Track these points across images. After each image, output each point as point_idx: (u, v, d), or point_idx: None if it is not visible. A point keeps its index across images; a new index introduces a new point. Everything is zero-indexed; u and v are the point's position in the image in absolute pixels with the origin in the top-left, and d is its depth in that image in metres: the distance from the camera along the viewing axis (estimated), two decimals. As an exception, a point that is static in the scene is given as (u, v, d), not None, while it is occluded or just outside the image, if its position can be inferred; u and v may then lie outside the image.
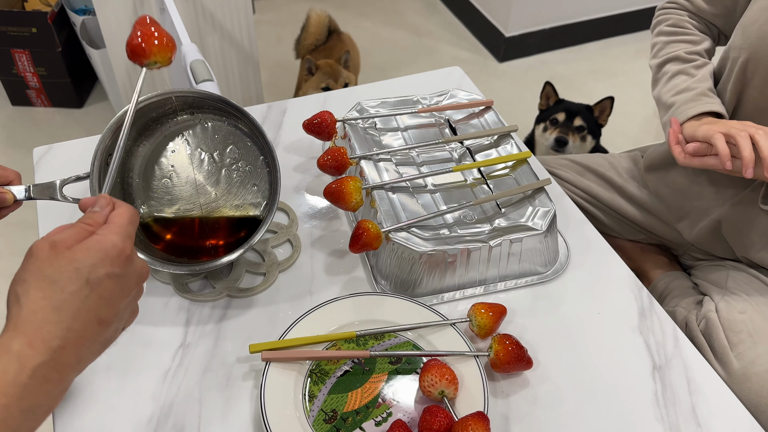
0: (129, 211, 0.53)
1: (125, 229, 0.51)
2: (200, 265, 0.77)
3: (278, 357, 0.69)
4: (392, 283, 0.80)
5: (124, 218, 0.52)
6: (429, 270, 0.78)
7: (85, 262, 0.47)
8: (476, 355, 0.70)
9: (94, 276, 0.47)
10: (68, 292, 0.46)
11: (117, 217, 0.52)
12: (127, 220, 0.52)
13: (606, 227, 1.19)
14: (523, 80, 2.40)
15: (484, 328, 0.73)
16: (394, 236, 0.77)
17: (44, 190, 0.70)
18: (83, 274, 0.47)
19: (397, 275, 0.79)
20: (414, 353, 0.71)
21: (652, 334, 0.78)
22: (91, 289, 0.47)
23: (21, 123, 2.14)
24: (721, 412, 0.71)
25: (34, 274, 0.46)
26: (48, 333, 0.45)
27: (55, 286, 0.46)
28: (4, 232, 1.77)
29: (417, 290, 0.80)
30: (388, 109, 0.97)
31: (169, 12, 1.41)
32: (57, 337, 0.45)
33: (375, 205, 0.82)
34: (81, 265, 0.47)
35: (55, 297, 0.46)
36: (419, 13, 2.75)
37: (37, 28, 1.96)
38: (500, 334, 0.71)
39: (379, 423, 0.66)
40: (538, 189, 0.85)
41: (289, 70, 2.41)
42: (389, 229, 0.77)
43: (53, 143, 0.99)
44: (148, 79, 1.78)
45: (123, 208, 0.53)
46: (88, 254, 0.47)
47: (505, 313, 0.74)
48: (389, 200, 0.82)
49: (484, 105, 0.97)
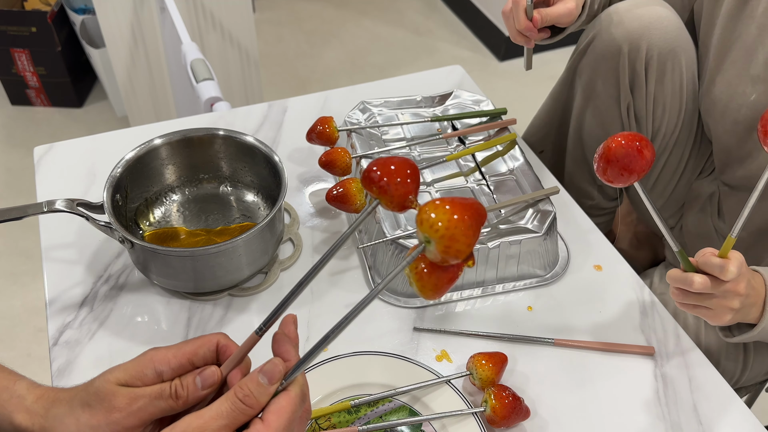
0: (294, 402, 0.43)
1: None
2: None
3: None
4: (389, 283, 0.80)
5: (285, 416, 0.43)
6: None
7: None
8: (474, 413, 0.67)
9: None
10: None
11: (278, 414, 0.42)
12: (288, 418, 0.43)
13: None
14: (524, 79, 2.40)
15: (486, 380, 0.69)
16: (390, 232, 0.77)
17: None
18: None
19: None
20: (407, 421, 0.68)
21: (653, 333, 0.78)
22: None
23: (21, 122, 2.13)
24: (723, 410, 0.71)
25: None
26: None
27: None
28: (4, 232, 1.76)
29: (414, 290, 0.79)
30: (392, 109, 0.97)
31: (169, 11, 1.41)
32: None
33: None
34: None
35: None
36: (419, 12, 2.75)
37: (37, 27, 1.96)
38: (495, 387, 0.68)
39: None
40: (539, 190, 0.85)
41: (289, 70, 2.41)
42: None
43: (53, 143, 0.99)
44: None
45: (289, 398, 0.43)
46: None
47: (506, 362, 0.71)
48: (389, 199, 0.82)
49: (506, 125, 0.96)
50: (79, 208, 0.74)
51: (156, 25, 1.65)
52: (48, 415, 0.46)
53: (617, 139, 0.60)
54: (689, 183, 1.05)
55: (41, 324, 1.57)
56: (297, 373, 0.44)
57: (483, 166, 0.89)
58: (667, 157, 1.02)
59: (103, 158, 0.95)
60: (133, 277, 0.81)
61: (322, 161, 0.87)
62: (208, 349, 0.47)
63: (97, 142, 0.99)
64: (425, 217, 0.40)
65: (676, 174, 1.04)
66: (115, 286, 0.80)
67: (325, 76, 2.40)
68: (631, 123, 0.98)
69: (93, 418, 0.44)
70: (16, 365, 0.50)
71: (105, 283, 0.80)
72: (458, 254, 0.40)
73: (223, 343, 0.48)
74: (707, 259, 0.66)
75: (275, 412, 0.43)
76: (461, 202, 0.40)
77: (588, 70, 0.97)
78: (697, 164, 1.03)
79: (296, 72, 2.41)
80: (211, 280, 0.77)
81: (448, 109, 0.98)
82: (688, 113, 0.97)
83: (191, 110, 1.64)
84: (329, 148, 0.88)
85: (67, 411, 0.45)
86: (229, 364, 0.47)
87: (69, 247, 0.84)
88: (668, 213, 1.09)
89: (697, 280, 0.66)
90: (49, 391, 0.47)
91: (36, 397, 0.47)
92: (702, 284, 0.66)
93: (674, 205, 1.08)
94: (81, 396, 0.45)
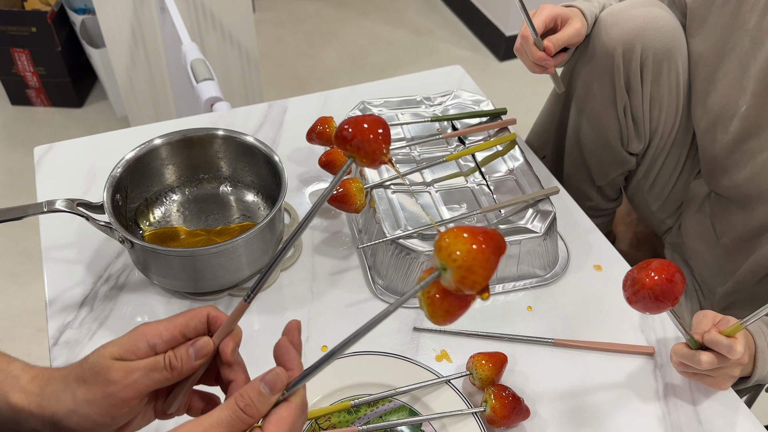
0: (294, 413, 0.43)
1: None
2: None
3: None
4: (389, 283, 0.80)
5: (285, 427, 0.42)
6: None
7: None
8: (474, 413, 0.67)
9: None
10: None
11: (278, 425, 0.42)
12: (288, 429, 0.43)
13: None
14: (524, 79, 2.40)
15: (486, 380, 0.69)
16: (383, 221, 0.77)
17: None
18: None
19: (393, 275, 0.79)
20: (407, 421, 0.68)
21: (653, 333, 0.78)
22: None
23: (21, 122, 2.14)
24: (723, 410, 0.71)
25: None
26: None
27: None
28: (4, 232, 1.76)
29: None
30: (392, 109, 0.97)
31: (169, 11, 1.41)
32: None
33: (374, 205, 0.82)
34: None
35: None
36: (419, 12, 2.75)
37: (37, 27, 1.96)
38: (495, 387, 0.68)
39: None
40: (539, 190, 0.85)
41: (289, 70, 2.41)
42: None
43: (53, 143, 0.99)
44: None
45: (290, 408, 0.43)
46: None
47: (506, 361, 0.71)
48: (388, 200, 0.82)
49: (506, 125, 0.96)
50: (79, 208, 0.74)
51: (156, 25, 1.65)
52: (44, 393, 0.46)
53: (651, 275, 0.60)
54: (687, 183, 1.05)
55: (41, 324, 1.57)
56: (299, 385, 0.44)
57: (483, 166, 0.89)
58: (665, 157, 1.02)
59: (103, 158, 0.95)
60: (133, 277, 0.81)
61: (322, 161, 0.87)
62: (199, 321, 0.48)
63: (97, 142, 0.99)
64: (444, 245, 0.39)
65: (674, 174, 1.04)
66: (115, 286, 0.80)
67: (325, 76, 2.40)
68: (628, 124, 0.98)
69: (89, 393, 0.45)
70: (16, 365, 0.50)
71: (105, 283, 0.80)
72: (474, 286, 0.39)
73: (213, 314, 0.48)
74: (715, 338, 0.66)
75: (276, 423, 0.42)
76: (482, 233, 0.39)
77: (584, 72, 0.97)
78: (694, 164, 1.03)
79: (296, 72, 2.41)
80: (211, 280, 0.77)
81: (448, 109, 0.98)
82: (685, 114, 0.97)
83: (191, 110, 1.64)
84: (329, 148, 0.89)
85: (62, 388, 0.46)
86: (220, 334, 0.48)
87: (69, 247, 0.84)
88: (666, 213, 1.09)
89: (705, 359, 0.67)
90: (43, 371, 0.48)
91: (31, 377, 0.47)
92: (709, 364, 0.67)
93: (672, 205, 1.08)
94: (76, 372, 0.46)
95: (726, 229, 0.96)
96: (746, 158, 0.88)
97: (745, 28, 0.85)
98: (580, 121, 1.03)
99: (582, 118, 1.03)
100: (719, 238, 0.98)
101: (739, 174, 0.90)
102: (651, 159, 1.02)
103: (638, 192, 1.09)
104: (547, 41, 0.88)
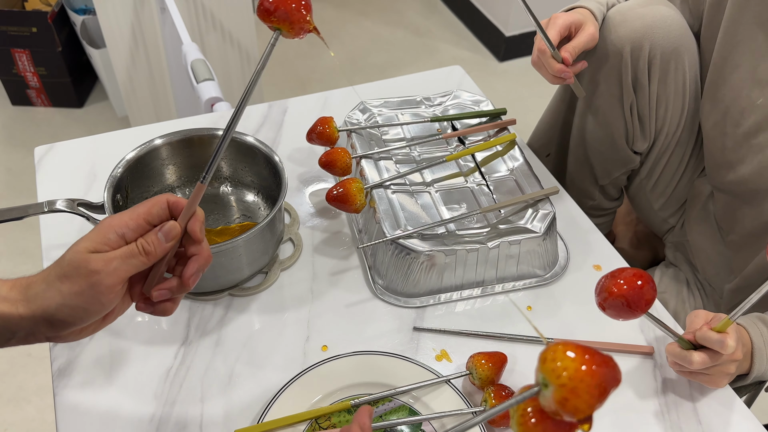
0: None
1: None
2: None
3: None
4: (389, 283, 0.80)
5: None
6: (426, 270, 0.78)
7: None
8: (474, 412, 0.68)
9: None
10: None
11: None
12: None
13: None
14: (524, 80, 2.40)
15: (486, 380, 0.69)
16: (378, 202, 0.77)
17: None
18: None
19: (393, 275, 0.79)
20: (407, 420, 0.68)
21: (653, 333, 0.78)
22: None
23: (21, 123, 2.14)
24: (723, 410, 0.71)
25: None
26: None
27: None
28: (4, 232, 1.77)
29: (414, 290, 0.80)
30: (392, 110, 0.97)
31: (170, 11, 1.41)
32: None
33: (374, 205, 0.82)
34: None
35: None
36: (419, 13, 2.75)
37: (37, 27, 1.96)
38: (495, 387, 0.68)
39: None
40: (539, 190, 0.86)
41: (289, 70, 2.41)
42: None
43: (54, 143, 0.99)
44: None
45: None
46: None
47: (506, 361, 0.71)
48: (388, 200, 0.82)
49: (506, 125, 0.96)
50: (79, 208, 0.74)
51: (156, 26, 1.65)
52: (27, 296, 0.48)
53: (619, 282, 0.60)
54: (691, 181, 1.05)
55: (41, 324, 1.56)
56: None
57: (483, 166, 0.89)
58: (669, 156, 1.02)
59: (104, 158, 0.95)
60: (133, 277, 0.81)
61: (322, 161, 0.87)
62: (160, 207, 0.52)
63: (98, 143, 0.99)
64: (550, 357, 0.35)
65: (678, 173, 1.04)
66: (115, 286, 0.80)
67: (325, 76, 2.40)
68: (634, 122, 0.98)
69: (75, 285, 0.48)
70: (16, 365, 0.50)
71: (105, 283, 0.80)
72: (575, 412, 0.35)
73: (172, 200, 0.53)
74: (705, 335, 0.66)
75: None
76: (596, 355, 0.35)
77: (590, 70, 0.97)
78: (698, 163, 1.03)
79: (296, 72, 2.41)
80: (211, 280, 0.77)
81: (448, 109, 0.98)
82: (690, 113, 0.97)
83: (191, 110, 1.64)
84: (329, 149, 0.89)
85: (45, 287, 0.48)
86: (183, 217, 0.52)
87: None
88: (670, 211, 1.09)
89: (696, 359, 0.67)
90: (19, 280, 0.50)
91: (9, 287, 0.49)
92: (701, 363, 0.67)
93: (675, 204, 1.08)
94: (56, 272, 0.49)
95: (733, 226, 0.96)
96: (753, 152, 0.88)
97: (758, 22, 0.84)
98: (586, 118, 1.03)
99: (587, 116, 1.03)
100: (725, 235, 0.98)
101: (745, 168, 0.90)
102: (655, 158, 1.03)
103: (640, 191, 1.09)
104: (563, 52, 0.87)
